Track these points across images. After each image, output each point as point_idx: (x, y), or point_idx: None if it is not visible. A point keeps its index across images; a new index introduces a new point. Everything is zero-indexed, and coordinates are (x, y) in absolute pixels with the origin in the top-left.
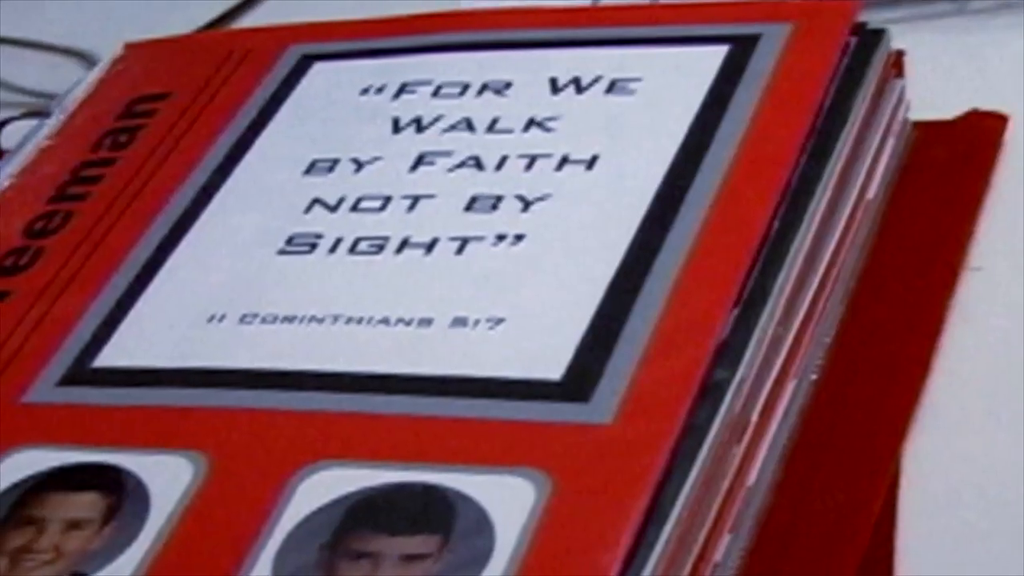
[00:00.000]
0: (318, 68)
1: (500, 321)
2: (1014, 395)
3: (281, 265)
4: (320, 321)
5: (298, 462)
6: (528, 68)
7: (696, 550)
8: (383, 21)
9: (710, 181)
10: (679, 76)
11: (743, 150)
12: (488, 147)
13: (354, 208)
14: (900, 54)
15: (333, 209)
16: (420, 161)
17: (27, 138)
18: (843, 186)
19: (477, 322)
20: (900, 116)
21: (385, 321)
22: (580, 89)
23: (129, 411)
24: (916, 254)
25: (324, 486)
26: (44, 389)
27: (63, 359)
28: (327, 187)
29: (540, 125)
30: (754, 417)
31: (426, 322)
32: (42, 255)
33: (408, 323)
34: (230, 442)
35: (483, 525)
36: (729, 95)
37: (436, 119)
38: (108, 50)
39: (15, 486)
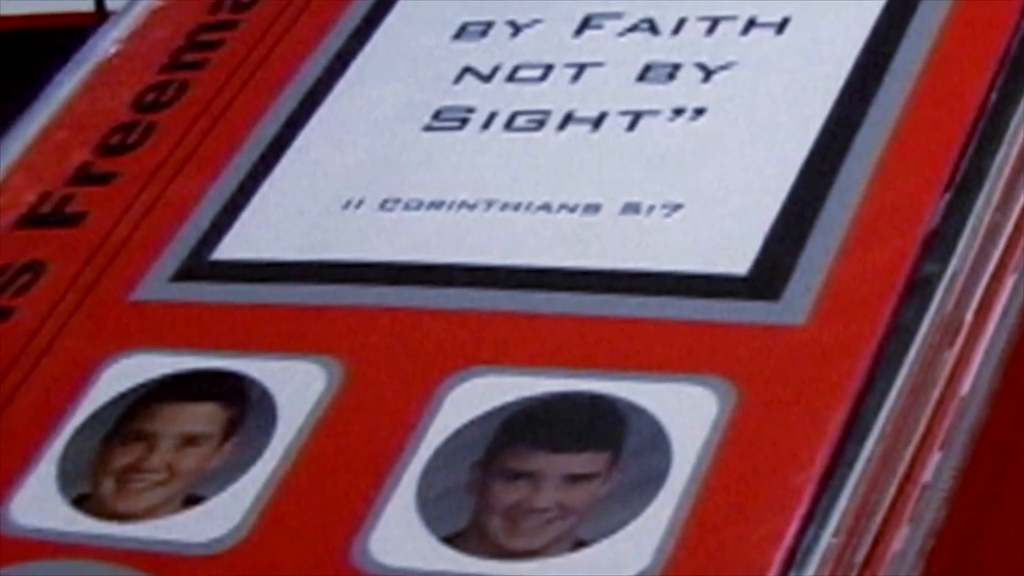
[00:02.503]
0: None
1: (677, 207)
2: None
3: (427, 143)
4: (471, 207)
5: (446, 369)
6: None
7: (902, 469)
8: None
9: (918, 47)
10: None
11: (955, 10)
12: (663, 8)
13: (511, 78)
14: None
15: (487, 79)
16: (586, 24)
17: None
18: None
19: (651, 208)
20: None
21: (546, 207)
22: None
23: (253, 310)
24: None
25: (476, 396)
26: (156, 285)
27: (177, 251)
28: (480, 54)
29: None
30: (968, 317)
31: (593, 208)
32: (153, 132)
33: (572, 210)
34: (368, 346)
35: (658, 441)
36: None
37: None
38: None
39: (122, 396)
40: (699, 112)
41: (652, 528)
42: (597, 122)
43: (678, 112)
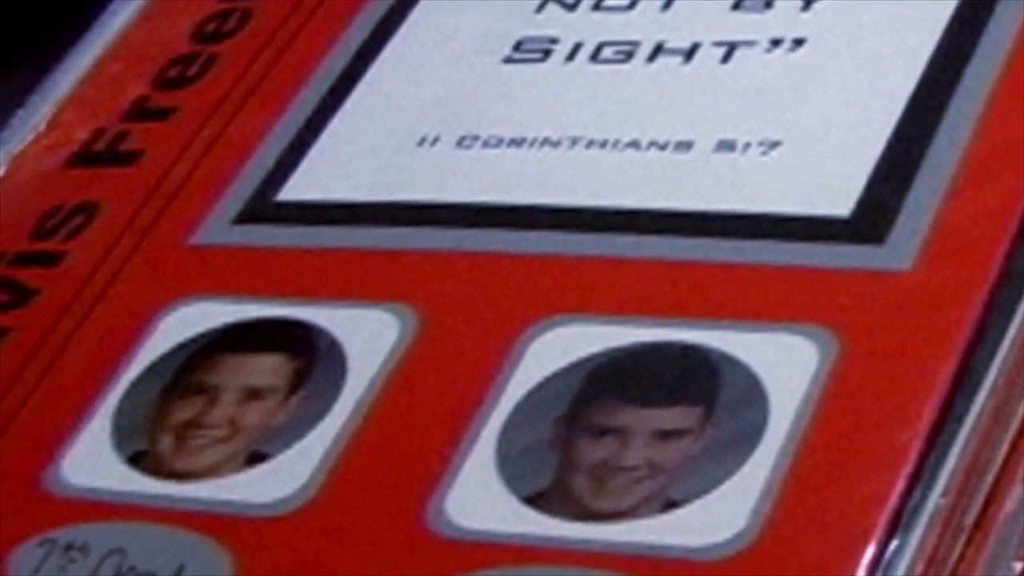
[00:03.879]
0: None
1: (775, 145)
2: None
3: (507, 76)
4: (555, 145)
5: (528, 317)
6: None
7: (1015, 425)
8: None
9: None
10: None
11: None
12: None
13: (597, 6)
14: None
15: (571, 7)
16: None
17: None
18: None
19: (747, 146)
20: None
21: (634, 145)
22: None
23: (320, 255)
24: None
25: (560, 346)
26: (217, 228)
27: (240, 191)
28: None
29: None
30: None
31: (685, 146)
32: (214, 64)
33: (663, 147)
34: (444, 293)
35: (754, 394)
36: None
37: None
38: None
39: (181, 346)
40: (798, 43)
41: (748, 488)
42: (689, 53)
43: (776, 43)
